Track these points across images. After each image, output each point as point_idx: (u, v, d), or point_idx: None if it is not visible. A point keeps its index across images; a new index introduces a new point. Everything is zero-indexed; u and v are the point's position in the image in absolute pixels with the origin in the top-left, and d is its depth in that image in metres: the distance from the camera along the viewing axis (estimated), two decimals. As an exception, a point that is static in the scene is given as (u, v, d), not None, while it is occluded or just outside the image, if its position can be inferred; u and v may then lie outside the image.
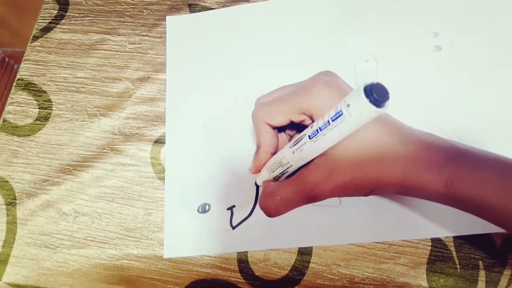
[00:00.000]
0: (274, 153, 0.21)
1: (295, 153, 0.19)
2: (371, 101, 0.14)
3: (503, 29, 0.26)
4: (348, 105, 0.15)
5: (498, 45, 0.26)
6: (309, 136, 0.18)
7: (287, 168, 0.20)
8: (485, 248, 0.21)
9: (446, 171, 0.17)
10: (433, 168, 0.17)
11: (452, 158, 0.17)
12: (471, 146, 0.18)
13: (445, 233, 0.22)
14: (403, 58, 0.27)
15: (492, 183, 0.16)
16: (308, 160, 0.19)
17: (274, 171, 0.21)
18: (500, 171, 0.16)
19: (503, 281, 0.21)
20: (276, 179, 0.21)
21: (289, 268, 0.23)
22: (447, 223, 0.22)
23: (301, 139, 0.18)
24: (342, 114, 0.15)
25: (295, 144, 0.19)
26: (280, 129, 0.22)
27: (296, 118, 0.20)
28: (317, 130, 0.17)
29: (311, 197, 0.18)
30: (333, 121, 0.16)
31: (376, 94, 0.14)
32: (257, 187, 0.24)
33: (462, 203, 0.17)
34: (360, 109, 0.14)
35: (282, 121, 0.20)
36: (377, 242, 0.22)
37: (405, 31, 0.27)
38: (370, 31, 0.28)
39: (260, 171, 0.21)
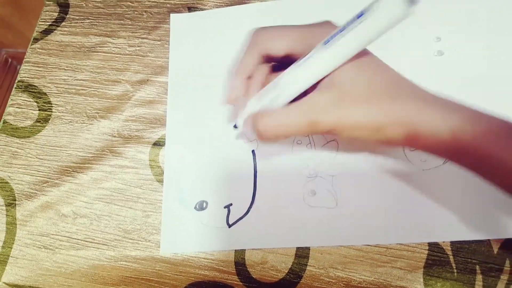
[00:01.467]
0: (251, 80, 0.19)
1: (301, 66, 0.17)
2: None
3: (505, 34, 0.26)
4: (374, 1, 0.14)
5: (500, 50, 0.26)
6: (324, 42, 0.16)
7: (283, 89, 0.18)
8: (483, 253, 0.21)
9: (453, 118, 0.16)
10: (442, 114, 0.16)
11: (460, 108, 0.17)
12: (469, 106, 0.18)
13: (442, 238, 0.22)
14: (405, 62, 0.27)
15: (497, 131, 0.16)
16: (314, 75, 0.17)
17: (264, 95, 0.18)
18: (504, 125, 0.16)
19: (500, 286, 0.21)
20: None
21: (286, 271, 0.23)
22: (444, 228, 0.22)
23: (310, 53, 0.16)
24: (363, 14, 0.14)
25: (301, 60, 0.17)
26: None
27: (299, 48, 0.18)
28: (334, 34, 0.15)
29: (314, 124, 0.17)
30: (354, 21, 0.15)
31: None
32: (254, 154, 0.23)
33: (465, 153, 0.17)
34: (393, 3, 0.14)
35: (281, 47, 0.18)
36: (374, 246, 0.22)
37: (407, 36, 0.27)
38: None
39: (237, 97, 0.20)
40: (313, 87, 0.18)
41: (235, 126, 0.22)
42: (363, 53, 0.18)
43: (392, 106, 0.17)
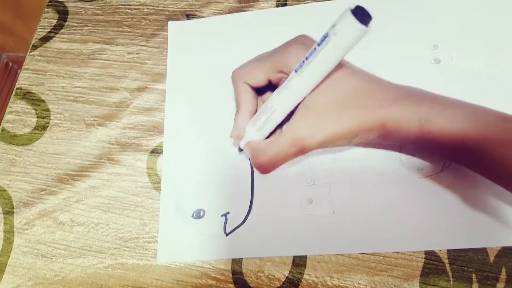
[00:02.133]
0: (254, 113, 0.22)
1: (280, 93, 0.19)
2: (357, 19, 0.15)
3: (503, 42, 0.26)
4: (334, 25, 0.16)
5: (498, 58, 0.26)
6: (295, 70, 0.18)
7: (271, 114, 0.20)
8: (479, 261, 0.21)
9: (420, 111, 0.18)
10: (408, 109, 0.18)
11: (425, 99, 0.18)
12: (442, 95, 0.19)
13: (439, 246, 0.22)
14: (401, 70, 0.27)
15: (463, 119, 0.17)
16: (293, 100, 0.19)
17: (257, 120, 0.21)
18: (470, 111, 0.18)
19: (496, 294, 0.21)
20: (259, 136, 0.21)
21: (283, 280, 0.23)
22: (441, 236, 0.22)
23: (287, 80, 0.19)
24: (327, 36, 0.16)
25: (280, 87, 0.19)
26: (259, 93, 0.22)
27: (274, 77, 0.21)
28: (303, 61, 0.18)
29: (303, 148, 0.20)
30: (319, 45, 0.16)
31: (361, 14, 0.15)
32: (252, 172, 0.25)
33: (434, 143, 0.18)
34: (347, 27, 0.15)
35: (260, 79, 0.21)
36: (371, 254, 0.22)
37: (404, 43, 0.28)
38: (368, 42, 0.28)
39: (242, 133, 0.22)
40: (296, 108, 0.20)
41: (240, 150, 0.24)
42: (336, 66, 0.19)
43: (362, 115, 0.19)
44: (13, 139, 0.29)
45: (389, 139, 0.20)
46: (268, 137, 0.22)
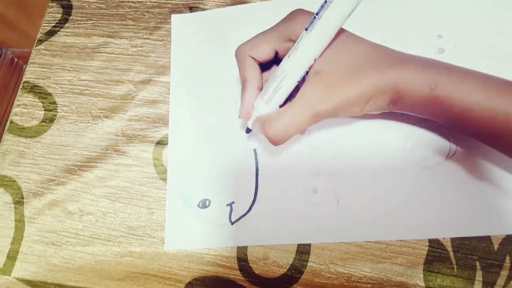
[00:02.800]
0: (261, 90, 0.21)
1: (291, 56, 0.19)
2: None
3: (507, 32, 0.26)
4: None
5: (501, 48, 0.26)
6: (305, 29, 0.18)
7: (281, 80, 0.19)
8: (483, 249, 0.22)
9: (429, 74, 0.18)
10: (418, 71, 0.18)
11: (434, 63, 0.19)
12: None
13: (443, 235, 0.22)
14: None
15: (471, 86, 0.18)
16: (306, 61, 0.19)
17: (266, 91, 0.20)
18: (481, 77, 0.18)
19: (500, 281, 0.21)
20: (270, 109, 0.20)
21: (287, 267, 0.23)
22: (445, 225, 0.22)
23: (297, 41, 0.18)
24: None
25: (291, 49, 0.19)
26: (265, 68, 0.22)
27: (282, 46, 0.20)
28: (313, 17, 0.17)
29: (317, 114, 0.19)
30: (326, 2, 0.17)
31: None
32: (255, 153, 0.24)
33: (444, 108, 0.18)
34: None
35: (267, 51, 0.20)
36: (375, 242, 0.23)
37: (409, 33, 0.27)
38: (373, 31, 0.28)
39: (250, 110, 0.21)
40: (303, 79, 0.20)
41: (247, 131, 0.23)
42: (339, 33, 0.19)
43: (374, 77, 0.19)
44: (21, 132, 0.30)
45: (400, 106, 0.20)
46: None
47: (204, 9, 0.31)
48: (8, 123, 0.30)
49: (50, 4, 0.34)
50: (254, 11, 0.30)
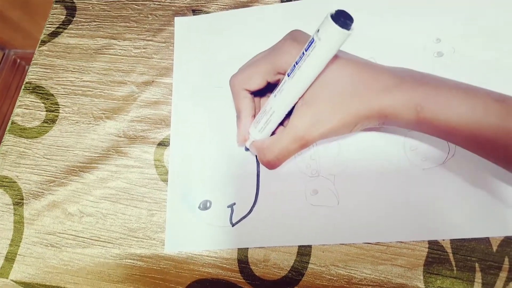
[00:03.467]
0: (255, 116, 0.22)
1: (277, 96, 0.20)
2: (338, 24, 0.16)
3: (506, 36, 0.27)
4: (318, 30, 0.17)
5: (500, 52, 0.26)
6: (287, 74, 0.19)
7: (270, 115, 0.21)
8: (482, 251, 0.22)
9: (415, 98, 0.18)
10: (404, 96, 0.19)
11: (420, 85, 0.19)
12: (437, 75, 0.20)
13: (442, 236, 0.22)
14: (404, 63, 0.27)
15: (457, 105, 0.18)
16: (290, 102, 0.20)
17: (259, 122, 0.22)
18: (465, 94, 0.18)
19: (499, 283, 0.21)
20: (263, 136, 0.22)
21: (288, 269, 0.23)
22: (444, 226, 0.22)
23: (282, 83, 0.20)
24: (313, 41, 0.17)
25: (276, 89, 0.20)
26: (259, 94, 0.23)
27: (272, 78, 0.21)
28: (294, 65, 0.18)
29: (304, 143, 0.20)
30: (306, 50, 0.17)
31: (342, 18, 0.16)
32: (258, 163, 0.25)
33: (432, 127, 0.19)
34: (329, 32, 0.16)
35: (259, 83, 0.21)
36: (375, 244, 0.23)
37: (408, 36, 0.28)
38: (372, 35, 0.29)
39: (246, 137, 0.23)
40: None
41: (246, 149, 0.25)
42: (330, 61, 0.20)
43: (358, 107, 0.19)
44: (22, 132, 0.30)
45: (390, 125, 0.20)
46: (272, 134, 0.23)
47: (207, 12, 0.32)
48: (9, 124, 0.30)
49: (54, 5, 0.34)
50: (256, 15, 0.31)
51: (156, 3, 0.33)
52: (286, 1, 0.31)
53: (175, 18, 0.32)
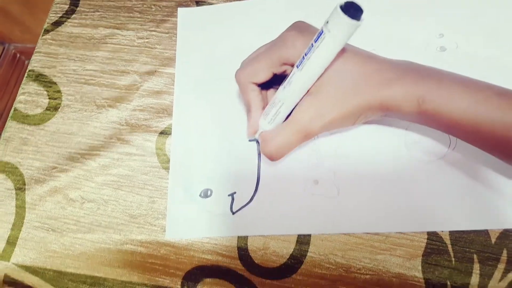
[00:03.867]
0: (264, 107, 0.22)
1: (286, 88, 0.20)
2: (347, 15, 0.16)
3: (508, 31, 0.27)
4: (327, 22, 0.16)
5: (502, 47, 0.26)
6: (296, 66, 0.19)
7: (280, 107, 0.21)
8: (480, 243, 0.22)
9: (417, 90, 0.19)
10: (406, 88, 0.19)
11: (423, 78, 0.19)
12: (440, 69, 0.20)
13: (441, 228, 0.22)
14: (407, 57, 0.27)
15: (459, 99, 0.18)
16: (299, 93, 0.20)
17: (268, 114, 0.22)
18: (467, 88, 0.18)
19: (497, 274, 0.21)
20: (272, 127, 0.22)
21: (287, 257, 0.23)
22: (444, 218, 0.22)
23: (290, 75, 0.20)
24: (322, 32, 0.17)
25: (285, 81, 0.20)
26: (266, 86, 0.23)
27: (278, 70, 0.21)
28: (302, 57, 0.18)
29: (307, 134, 0.20)
30: (315, 42, 0.17)
31: (352, 9, 0.16)
32: (258, 144, 0.25)
33: (434, 120, 0.19)
34: (339, 24, 0.16)
35: (265, 75, 0.21)
36: (374, 234, 0.23)
37: (411, 31, 0.28)
38: (375, 30, 0.29)
39: (257, 128, 0.23)
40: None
41: (257, 142, 0.25)
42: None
43: (360, 99, 0.19)
44: (25, 119, 0.30)
45: (391, 116, 0.21)
46: None
47: (210, 4, 0.32)
48: (12, 111, 0.30)
49: (58, -5, 0.34)
50: (258, 7, 0.31)
51: (160, -7, 0.33)
52: (290, -7, 0.31)
53: (179, 9, 0.32)
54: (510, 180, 0.22)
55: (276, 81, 0.22)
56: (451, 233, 0.22)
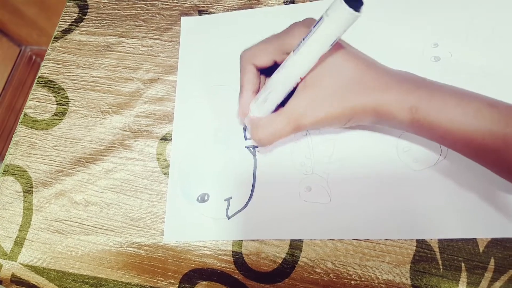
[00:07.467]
0: (257, 92, 0.23)
1: (279, 72, 0.20)
2: (348, 5, 0.16)
3: (503, 41, 0.27)
4: (328, 9, 0.17)
5: (497, 57, 0.27)
6: (293, 50, 0.19)
7: (269, 92, 0.21)
8: (469, 251, 0.22)
9: (411, 99, 0.19)
10: (400, 96, 0.19)
11: (417, 88, 0.19)
12: (434, 80, 0.20)
13: (430, 236, 0.23)
14: (402, 66, 0.28)
15: (451, 109, 0.19)
16: (290, 79, 0.20)
17: (258, 98, 0.22)
18: (458, 99, 0.19)
19: (484, 283, 0.22)
20: (262, 114, 0.22)
21: (280, 262, 0.24)
22: (433, 226, 0.23)
23: (286, 59, 0.20)
24: (322, 18, 0.17)
25: (280, 66, 0.20)
26: (269, 74, 0.23)
27: (280, 58, 0.22)
28: (300, 41, 0.19)
29: (298, 126, 0.21)
30: (313, 27, 0.18)
31: (353, 0, 0.16)
32: (254, 151, 0.26)
33: (425, 130, 0.20)
34: (337, 10, 0.16)
35: (266, 60, 0.22)
36: (364, 241, 0.23)
37: (405, 41, 0.29)
38: (369, 39, 0.29)
39: (246, 110, 0.23)
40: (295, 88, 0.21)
41: (245, 129, 0.26)
42: (335, 49, 0.20)
43: (354, 101, 0.20)
44: (34, 124, 0.31)
45: (383, 124, 0.21)
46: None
47: (212, 13, 0.33)
48: (22, 116, 0.32)
49: (68, 3, 0.36)
50: (260, 17, 0.32)
51: (164, 3, 0.34)
52: (289, 3, 0.32)
53: (182, 17, 0.33)
54: (499, 189, 0.23)
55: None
56: (440, 241, 0.23)
